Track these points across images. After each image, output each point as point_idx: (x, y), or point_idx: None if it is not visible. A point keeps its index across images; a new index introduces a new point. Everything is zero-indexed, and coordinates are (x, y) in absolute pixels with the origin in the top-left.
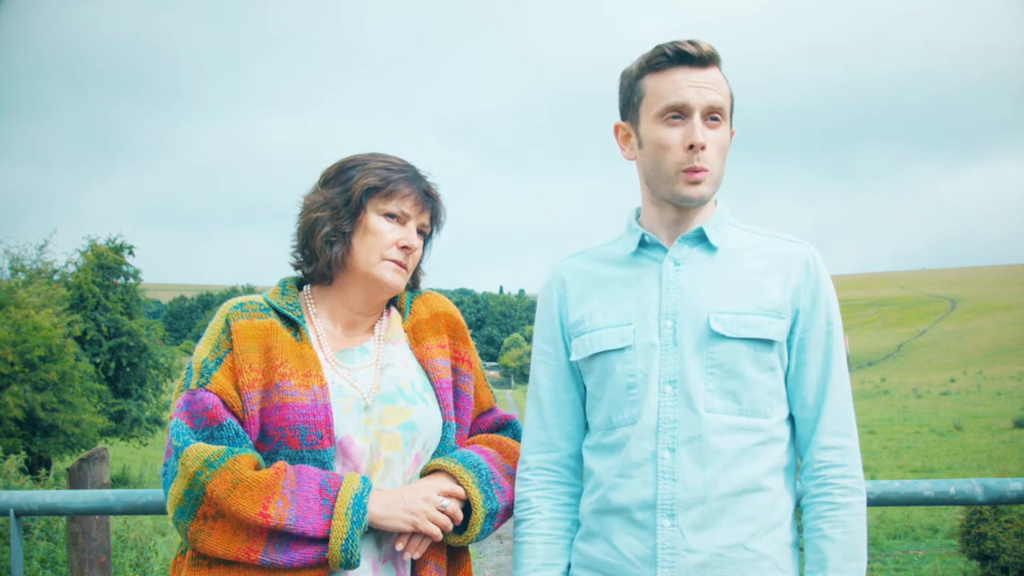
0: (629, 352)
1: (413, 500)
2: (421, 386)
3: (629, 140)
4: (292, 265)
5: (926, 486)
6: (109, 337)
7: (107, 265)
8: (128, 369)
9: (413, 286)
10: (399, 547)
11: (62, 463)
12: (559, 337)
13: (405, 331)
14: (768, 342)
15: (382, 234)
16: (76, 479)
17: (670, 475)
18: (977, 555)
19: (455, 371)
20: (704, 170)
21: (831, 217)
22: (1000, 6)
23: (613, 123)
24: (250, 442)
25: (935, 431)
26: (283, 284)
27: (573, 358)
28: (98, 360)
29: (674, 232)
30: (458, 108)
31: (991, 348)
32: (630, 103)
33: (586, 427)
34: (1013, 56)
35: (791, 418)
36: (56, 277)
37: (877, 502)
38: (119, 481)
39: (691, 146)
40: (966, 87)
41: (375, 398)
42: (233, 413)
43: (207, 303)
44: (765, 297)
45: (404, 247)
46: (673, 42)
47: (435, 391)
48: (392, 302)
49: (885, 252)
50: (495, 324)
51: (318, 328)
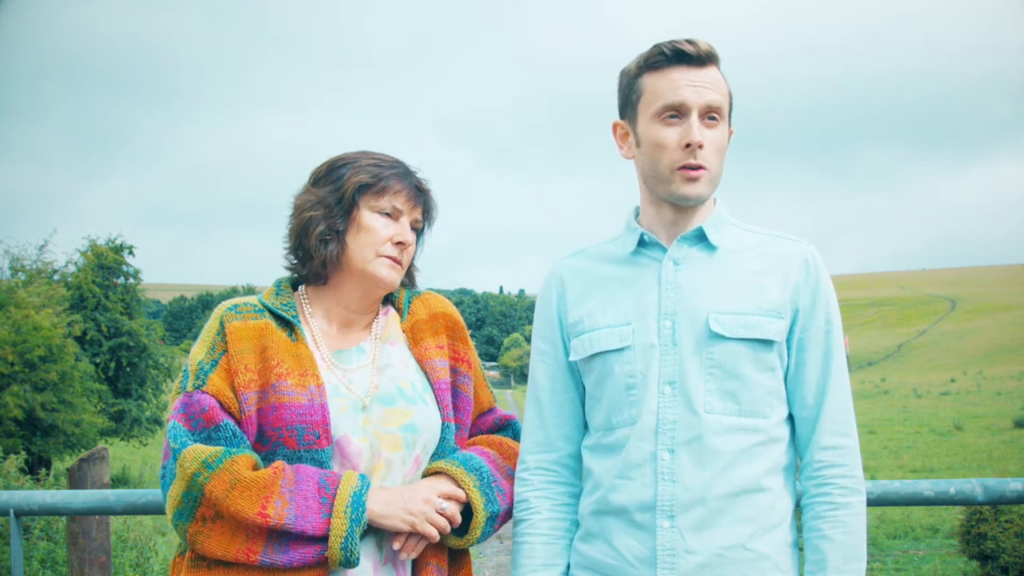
0: (628, 352)
1: (413, 500)
2: (421, 387)
3: (627, 139)
4: (286, 268)
5: (926, 486)
6: (109, 337)
7: (107, 265)
8: (128, 369)
9: (408, 282)
10: (396, 546)
11: (62, 463)
12: (558, 337)
13: (403, 331)
14: (767, 342)
15: (376, 231)
16: (76, 479)
17: (670, 476)
18: (977, 555)
19: (454, 371)
20: (702, 168)
21: (831, 217)
22: (1000, 6)
23: (612, 122)
24: (248, 443)
25: (935, 431)
26: (278, 284)
27: (572, 358)
28: (98, 360)
29: (673, 231)
30: (458, 108)
31: (991, 348)
32: (628, 102)
33: (585, 427)
34: (1013, 56)
35: (791, 418)
36: (56, 277)
37: (877, 502)
38: (119, 481)
39: (688, 145)
40: (966, 87)
41: (373, 398)
42: (230, 414)
43: (207, 303)
44: (764, 297)
45: (399, 243)
46: (671, 41)
47: (434, 392)
48: (390, 301)
49: (885, 252)
50: (495, 324)
51: (313, 328)
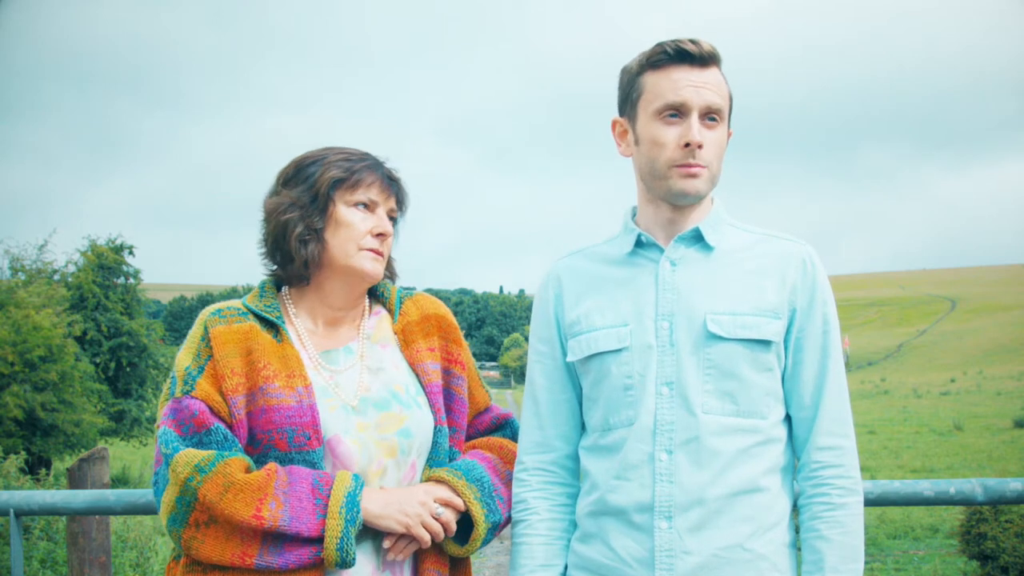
0: (626, 353)
1: (409, 502)
2: (414, 390)
3: (626, 136)
4: (266, 274)
5: (926, 486)
6: (109, 337)
7: (107, 265)
8: (128, 369)
9: (388, 274)
10: (386, 545)
11: (62, 463)
12: (555, 337)
13: (395, 333)
14: (765, 343)
15: (355, 225)
16: (76, 479)
17: (667, 477)
18: (977, 555)
19: (448, 373)
20: (700, 166)
21: (832, 217)
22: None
23: (611, 119)
24: (239, 446)
25: (935, 431)
26: (261, 286)
27: (569, 359)
28: (98, 360)
29: (670, 231)
30: (458, 108)
31: (991, 348)
32: (628, 99)
33: (582, 428)
34: (1013, 56)
35: (788, 418)
36: (56, 277)
37: (877, 502)
38: (119, 481)
39: (687, 145)
40: (966, 87)
41: (365, 400)
42: (220, 419)
43: (207, 303)
44: (762, 297)
45: (379, 234)
46: (674, 40)
47: (426, 395)
48: (381, 302)
49: (885, 252)
50: (495, 324)
51: (299, 327)
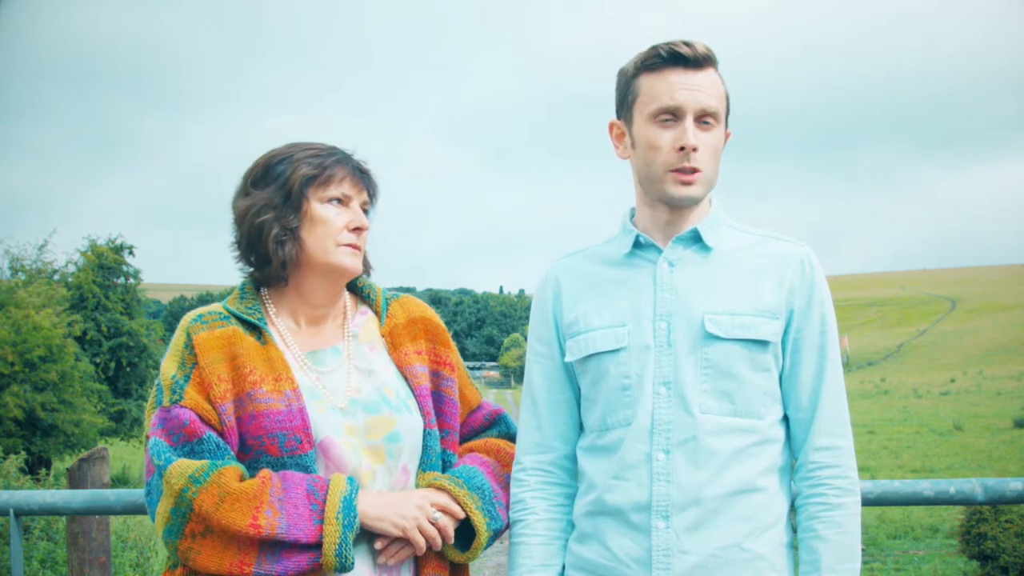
0: (624, 354)
1: (406, 506)
2: (404, 393)
3: (623, 139)
4: (243, 276)
5: (926, 486)
6: (109, 337)
7: (107, 265)
8: (128, 369)
9: (364, 268)
10: (377, 546)
11: (62, 463)
12: (553, 337)
13: (383, 336)
14: (763, 343)
15: (331, 221)
16: (76, 479)
17: (665, 477)
18: (977, 555)
19: (437, 375)
20: (695, 171)
21: (832, 217)
22: (1000, 6)
23: (608, 121)
24: (232, 453)
25: (935, 431)
26: (241, 288)
27: (567, 359)
28: (98, 360)
29: (668, 232)
30: (458, 108)
31: (991, 348)
32: (624, 102)
33: (580, 428)
34: (1013, 56)
35: (786, 419)
36: (56, 277)
37: (877, 502)
38: (119, 481)
39: (682, 148)
40: (966, 87)
41: (355, 402)
42: (211, 427)
43: (207, 303)
44: (760, 298)
45: (356, 228)
46: (668, 42)
47: (415, 398)
48: (367, 303)
49: (885, 252)
50: (495, 324)
51: (281, 328)
